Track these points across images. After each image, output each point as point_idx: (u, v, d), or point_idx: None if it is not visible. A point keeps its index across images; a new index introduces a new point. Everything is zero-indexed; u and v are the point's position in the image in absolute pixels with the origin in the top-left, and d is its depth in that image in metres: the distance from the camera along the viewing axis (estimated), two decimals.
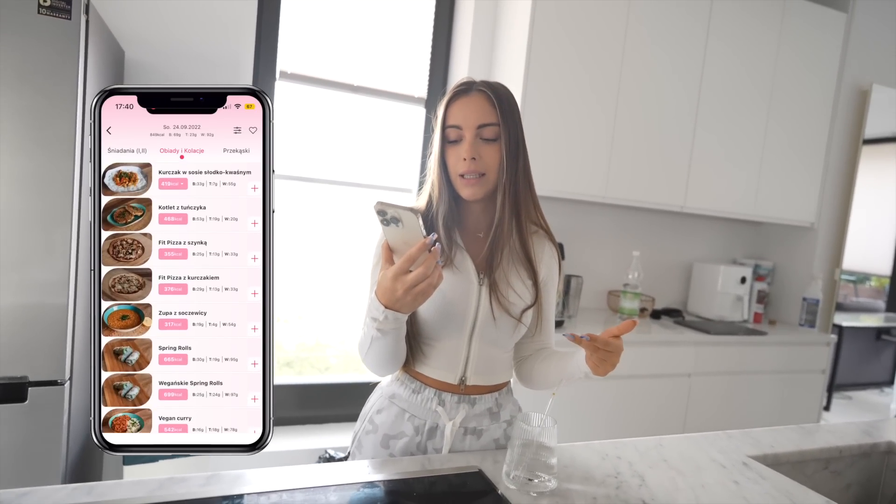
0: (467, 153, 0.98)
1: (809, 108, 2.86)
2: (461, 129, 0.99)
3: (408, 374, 1.06)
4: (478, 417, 1.04)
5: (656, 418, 2.42)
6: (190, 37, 1.95)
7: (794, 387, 2.74)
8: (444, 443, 1.01)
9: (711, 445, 1.16)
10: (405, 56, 2.44)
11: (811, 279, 2.95)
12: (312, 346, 2.54)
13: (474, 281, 1.02)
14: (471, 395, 1.03)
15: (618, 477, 0.97)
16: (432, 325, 1.01)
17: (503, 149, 0.99)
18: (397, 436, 1.03)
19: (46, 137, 1.30)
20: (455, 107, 1.00)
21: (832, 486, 1.24)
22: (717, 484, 0.98)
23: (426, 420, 1.02)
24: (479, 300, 1.01)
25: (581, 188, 2.40)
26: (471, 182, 0.99)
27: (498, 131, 0.99)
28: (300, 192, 2.32)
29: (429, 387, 1.03)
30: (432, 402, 1.02)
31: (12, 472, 1.33)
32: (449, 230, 1.03)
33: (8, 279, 1.30)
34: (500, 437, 1.06)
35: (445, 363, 1.02)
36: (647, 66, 2.44)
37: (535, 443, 0.90)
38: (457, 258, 1.02)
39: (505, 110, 0.99)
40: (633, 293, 2.52)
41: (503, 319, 1.02)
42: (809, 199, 2.94)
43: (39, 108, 1.29)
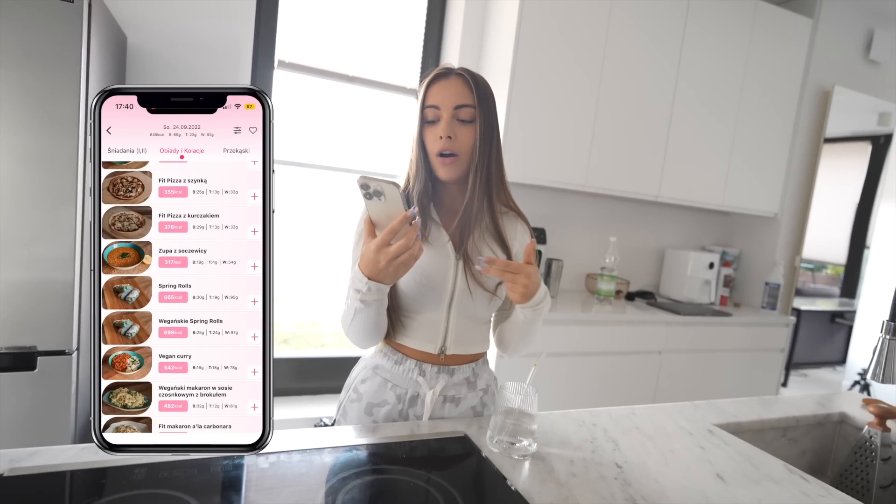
0: (443, 131, 0.97)
1: (776, 107, 2.87)
2: (439, 109, 0.98)
3: (390, 346, 1.05)
4: (456, 386, 1.04)
5: (629, 392, 2.45)
6: (191, 24, 1.90)
7: (756, 364, 2.79)
8: (425, 410, 1.01)
9: (679, 414, 1.17)
10: (398, 48, 2.41)
11: (773, 265, 2.98)
12: (308, 324, 2.53)
13: (451, 255, 1.01)
14: (449, 366, 1.03)
15: (593, 442, 0.98)
16: (412, 298, 1.01)
17: (477, 131, 0.98)
18: (380, 404, 1.03)
19: (51, 116, 1.26)
20: (434, 88, 0.99)
21: (789, 451, 1.27)
22: (684, 449, 0.99)
23: (407, 389, 1.02)
24: (455, 274, 1.01)
25: (563, 177, 2.40)
26: (446, 162, 0.98)
27: (474, 113, 0.98)
28: (297, 178, 2.30)
29: (410, 358, 1.03)
30: (413, 373, 1.02)
31: (24, 436, 1.31)
32: (424, 207, 1.02)
33: (17, 254, 1.27)
34: (477, 405, 1.07)
35: (426, 335, 1.02)
36: (627, 64, 2.43)
37: (517, 410, 0.91)
38: (433, 234, 1.02)
39: (481, 95, 0.98)
40: (609, 276, 2.53)
41: (479, 292, 1.01)
42: (773, 192, 2.97)
43: (44, 88, 1.26)
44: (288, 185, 2.28)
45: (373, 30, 2.33)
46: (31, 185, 1.26)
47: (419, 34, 2.44)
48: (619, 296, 2.75)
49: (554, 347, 2.24)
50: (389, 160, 2.46)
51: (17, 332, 1.29)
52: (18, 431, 1.31)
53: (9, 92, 1.23)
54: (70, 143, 1.28)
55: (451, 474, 0.83)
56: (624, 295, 2.79)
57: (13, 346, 1.29)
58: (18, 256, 1.27)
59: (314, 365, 2.44)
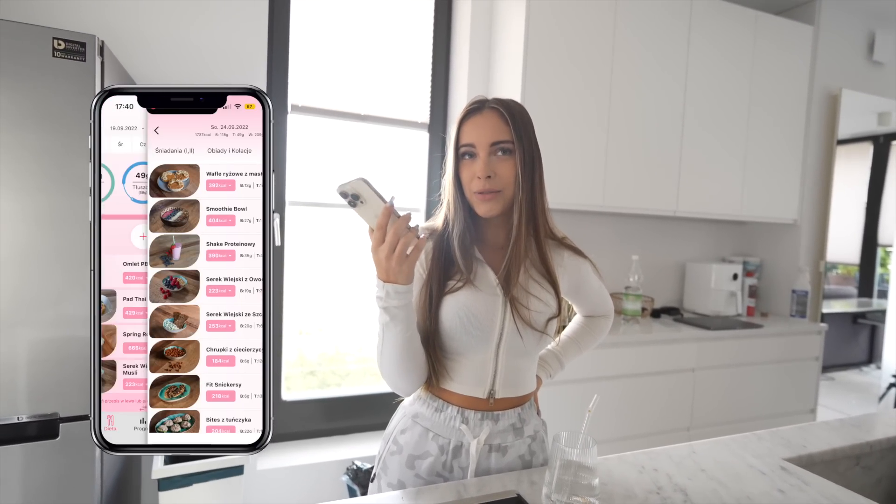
0: (482, 172, 0.87)
1: (785, 113, 2.76)
2: (475, 146, 0.89)
3: (430, 394, 0.94)
4: (502, 434, 0.92)
5: (666, 413, 2.29)
6: (204, 76, 1.85)
7: (791, 374, 2.61)
8: (470, 461, 0.89)
9: (745, 450, 1.03)
10: (407, 84, 2.35)
11: (798, 272, 2.82)
12: (332, 355, 2.44)
13: (498, 294, 0.91)
14: (494, 412, 0.92)
15: (660, 493, 0.84)
16: (458, 339, 0.90)
17: (518, 165, 0.88)
18: (422, 456, 0.91)
19: (68, 177, 1.19)
20: (468, 125, 0.90)
21: (864, 481, 1.11)
22: (762, 494, 0.85)
23: (450, 439, 0.90)
24: (504, 314, 0.90)
25: (580, 199, 2.29)
26: (487, 198, 0.88)
27: (512, 147, 0.88)
28: (316, 217, 2.22)
29: (452, 405, 0.91)
30: (456, 420, 0.90)
31: None
32: (468, 248, 0.92)
33: (36, 317, 1.18)
34: (525, 453, 0.94)
35: (473, 378, 0.91)
36: (634, 84, 2.34)
37: (574, 463, 0.78)
38: (478, 274, 0.91)
39: (518, 126, 0.89)
40: (634, 295, 2.39)
41: (528, 332, 0.91)
42: (791, 198, 2.83)
43: (58, 148, 1.19)
44: (308, 224, 2.21)
45: (381, 67, 2.27)
46: (49, 245, 1.18)
47: (427, 68, 2.38)
48: (645, 313, 2.61)
49: (584, 372, 2.10)
50: (404, 194, 2.38)
51: (40, 398, 1.20)
52: (44, 502, 1.21)
53: (26, 154, 1.16)
54: (87, 202, 1.20)
55: None
56: (650, 312, 2.64)
57: (36, 415, 1.19)
58: (37, 318, 1.18)
59: (343, 404, 2.31)
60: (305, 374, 2.37)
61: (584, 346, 1.12)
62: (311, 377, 2.38)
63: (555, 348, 1.10)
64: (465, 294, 0.89)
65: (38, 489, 1.20)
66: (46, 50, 1.15)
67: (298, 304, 2.26)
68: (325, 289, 2.35)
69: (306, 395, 2.29)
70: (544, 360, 1.07)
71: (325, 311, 2.40)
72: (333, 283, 2.36)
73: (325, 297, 2.37)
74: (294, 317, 2.27)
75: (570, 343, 1.11)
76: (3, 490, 1.17)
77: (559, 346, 1.10)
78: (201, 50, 1.83)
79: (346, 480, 2.02)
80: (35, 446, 1.19)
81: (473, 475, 0.89)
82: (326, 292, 2.36)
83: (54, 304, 1.19)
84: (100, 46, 1.21)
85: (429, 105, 2.38)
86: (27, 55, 1.14)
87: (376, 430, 2.37)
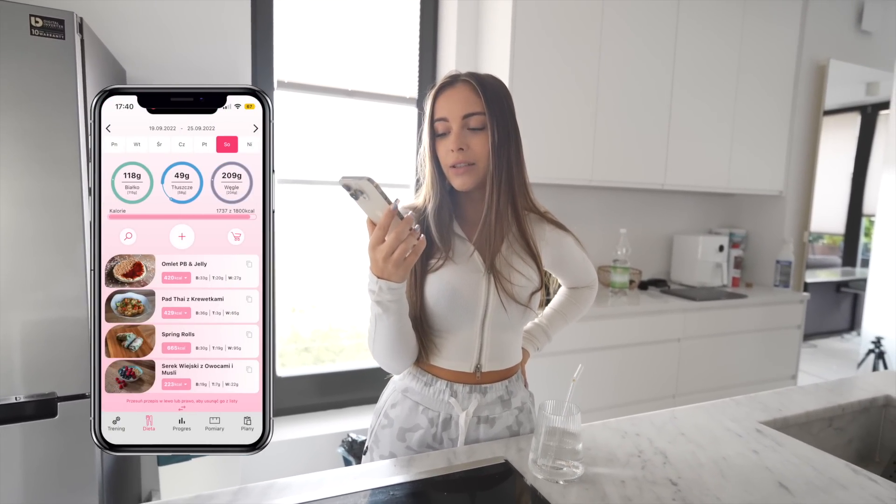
0: (454, 144, 0.88)
1: (773, 84, 2.76)
2: (448, 120, 0.89)
3: (420, 368, 0.96)
4: (490, 406, 0.95)
5: (652, 382, 2.35)
6: (188, 52, 1.82)
7: (774, 342, 2.68)
8: (459, 433, 0.92)
9: (723, 414, 1.07)
10: (395, 59, 2.32)
11: (783, 243, 2.87)
12: (326, 331, 2.47)
13: (481, 269, 0.92)
14: (482, 385, 0.94)
15: (641, 456, 0.88)
16: (443, 317, 0.92)
17: (490, 137, 0.88)
18: (413, 428, 0.94)
19: (52, 158, 1.18)
20: (441, 99, 0.90)
21: (835, 442, 1.17)
22: (737, 455, 0.90)
23: (440, 412, 0.93)
24: (487, 288, 0.92)
25: (569, 173, 2.30)
26: (460, 171, 0.89)
27: (484, 120, 0.88)
28: (305, 194, 2.21)
29: (440, 379, 0.94)
30: (444, 394, 0.93)
31: (49, 486, 1.23)
32: (444, 223, 0.93)
33: (30, 298, 1.19)
34: (513, 424, 0.98)
35: (460, 354, 0.93)
36: (623, 56, 2.32)
37: (559, 430, 0.82)
38: (458, 249, 0.93)
39: (490, 99, 0.89)
40: (622, 268, 2.43)
41: (512, 306, 0.93)
42: (777, 170, 2.85)
43: (41, 129, 1.17)
44: (298, 202, 2.21)
45: (368, 42, 2.24)
46: (37, 228, 1.18)
47: (414, 42, 2.35)
48: (633, 286, 2.65)
49: (572, 344, 2.15)
50: (395, 170, 2.37)
51: (37, 378, 1.21)
52: (43, 483, 1.23)
53: (8, 137, 1.15)
54: (73, 183, 1.20)
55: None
56: (637, 285, 2.68)
57: (33, 395, 1.21)
58: (32, 300, 1.19)
59: (337, 378, 2.35)
60: (300, 351, 2.40)
61: (570, 318, 1.15)
62: (306, 353, 2.41)
63: (541, 321, 1.12)
64: (448, 272, 0.91)
65: (39, 467, 1.22)
66: (24, 28, 1.12)
67: (291, 282, 2.28)
68: (317, 266, 2.37)
69: (301, 370, 2.32)
70: (531, 333, 1.10)
71: (318, 289, 2.42)
72: (325, 261, 2.37)
73: (317, 275, 2.38)
74: (288, 294, 2.28)
75: (556, 315, 1.14)
76: (4, 468, 1.20)
77: (545, 318, 1.13)
78: (182, 26, 1.80)
79: (341, 452, 2.07)
80: (34, 425, 1.21)
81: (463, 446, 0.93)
82: (318, 270, 2.37)
83: (45, 285, 1.20)
84: (79, 24, 1.18)
85: (417, 79, 2.36)
86: (4, 34, 1.11)
87: (370, 403, 2.41)
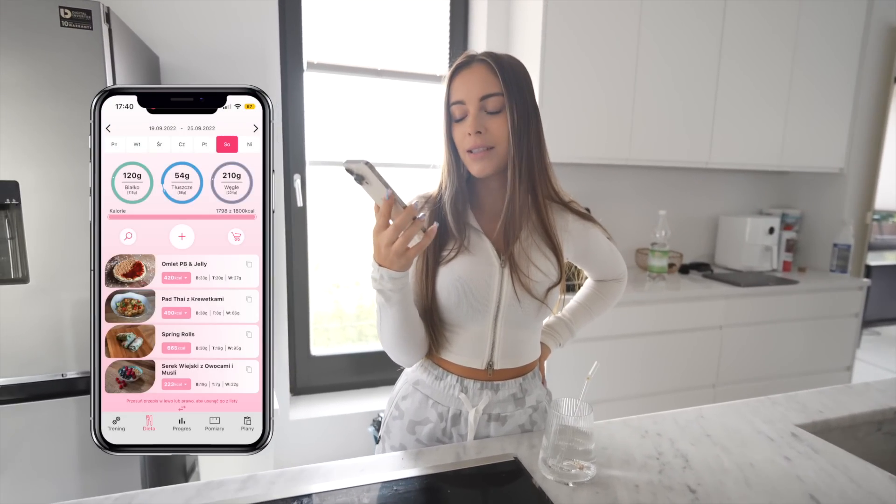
0: (471, 127, 0.83)
1: (836, 50, 2.52)
2: (464, 103, 0.84)
3: (431, 361, 0.94)
4: (502, 404, 0.92)
5: (690, 373, 2.26)
6: (217, 37, 1.83)
7: (828, 332, 2.51)
8: (469, 430, 0.90)
9: (755, 415, 1.01)
10: (425, 36, 2.26)
11: (841, 225, 2.66)
12: (369, 307, 2.52)
13: (495, 263, 0.88)
14: (494, 382, 0.91)
15: (660, 458, 0.84)
16: (455, 311, 0.89)
17: (509, 118, 0.83)
18: (422, 422, 0.92)
19: (83, 147, 1.22)
20: (457, 81, 0.85)
21: (884, 447, 1.08)
22: (766, 461, 0.84)
23: (449, 407, 0.91)
24: (501, 282, 0.88)
25: (605, 152, 2.20)
26: (478, 157, 0.85)
27: (502, 101, 0.83)
28: (335, 176, 2.23)
29: (451, 373, 0.91)
30: (454, 389, 0.91)
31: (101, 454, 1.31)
32: (460, 212, 0.88)
33: (73, 280, 1.24)
34: (526, 423, 0.94)
35: (471, 349, 0.90)
36: (666, 22, 2.17)
37: (570, 429, 0.79)
38: (473, 241, 0.89)
39: (508, 79, 0.83)
40: (661, 251, 2.32)
41: (527, 300, 0.88)
42: (838, 145, 2.63)
43: (76, 119, 1.21)
44: (335, 182, 2.23)
45: (397, 19, 2.19)
46: (77, 212, 1.23)
47: (445, 19, 2.28)
48: (673, 269, 2.54)
49: (607, 330, 2.08)
50: (425, 150, 2.34)
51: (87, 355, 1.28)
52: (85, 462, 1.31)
53: (46, 126, 1.19)
54: None
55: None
56: (678, 268, 2.57)
57: (85, 371, 1.28)
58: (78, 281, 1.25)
59: (370, 359, 2.39)
60: (344, 326, 2.45)
61: (596, 313, 1.09)
62: (352, 329, 2.47)
63: (564, 315, 1.08)
64: (460, 264, 0.87)
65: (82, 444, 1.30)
66: (54, 20, 1.15)
67: (331, 260, 2.32)
68: (354, 244, 2.41)
69: (334, 350, 2.37)
70: (552, 327, 1.06)
71: (356, 266, 2.47)
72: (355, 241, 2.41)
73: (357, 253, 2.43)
74: (328, 271, 2.33)
75: (581, 309, 1.09)
76: (63, 439, 1.28)
77: (569, 312, 1.08)
78: (211, 8, 1.81)
79: (371, 431, 2.12)
80: (76, 400, 1.29)
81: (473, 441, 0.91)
82: (358, 248, 2.42)
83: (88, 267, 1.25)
84: (105, 13, 1.20)
85: (448, 58, 2.30)
86: (37, 26, 1.15)
87: None
